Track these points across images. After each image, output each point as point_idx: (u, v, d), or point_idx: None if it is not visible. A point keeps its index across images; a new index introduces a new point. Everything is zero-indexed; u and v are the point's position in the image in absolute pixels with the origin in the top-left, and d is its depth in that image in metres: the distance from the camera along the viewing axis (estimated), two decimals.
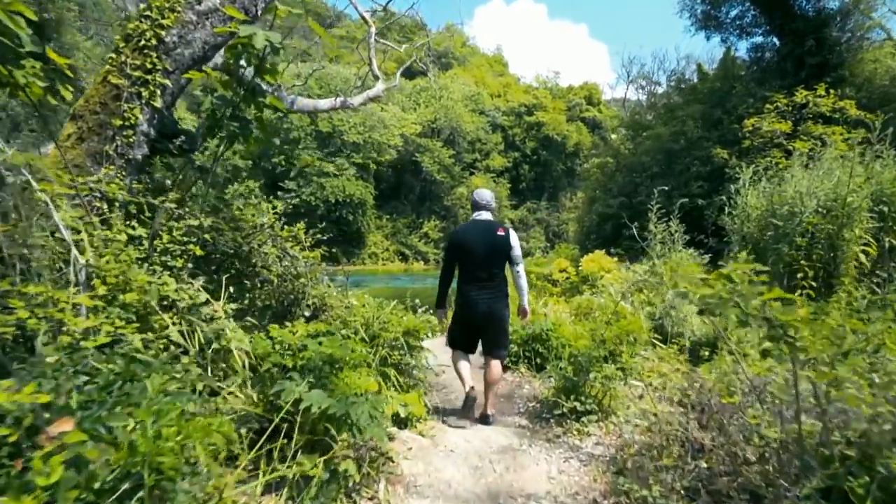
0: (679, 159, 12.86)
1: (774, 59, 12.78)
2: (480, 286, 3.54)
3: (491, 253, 3.51)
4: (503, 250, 3.53)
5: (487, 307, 3.54)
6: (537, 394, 4.27)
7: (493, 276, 3.56)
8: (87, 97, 3.54)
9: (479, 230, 3.56)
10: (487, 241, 3.49)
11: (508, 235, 3.55)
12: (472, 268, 3.54)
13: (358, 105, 12.72)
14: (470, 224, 3.67)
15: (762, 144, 10.87)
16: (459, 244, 3.58)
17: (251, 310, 3.79)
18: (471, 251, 3.51)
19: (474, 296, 3.54)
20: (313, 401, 2.08)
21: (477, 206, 3.68)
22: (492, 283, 3.56)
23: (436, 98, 39.08)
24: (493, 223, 3.63)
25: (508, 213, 44.62)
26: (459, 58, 60.44)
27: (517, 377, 4.91)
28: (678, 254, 8.41)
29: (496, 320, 3.60)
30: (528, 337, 5.10)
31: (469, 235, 3.58)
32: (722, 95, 12.84)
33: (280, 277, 3.73)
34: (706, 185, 12.07)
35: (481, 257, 3.50)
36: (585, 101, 53.44)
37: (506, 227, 3.63)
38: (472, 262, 3.53)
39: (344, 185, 30.30)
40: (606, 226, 14.83)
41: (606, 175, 16.25)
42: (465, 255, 3.54)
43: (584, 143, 49.36)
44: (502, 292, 3.64)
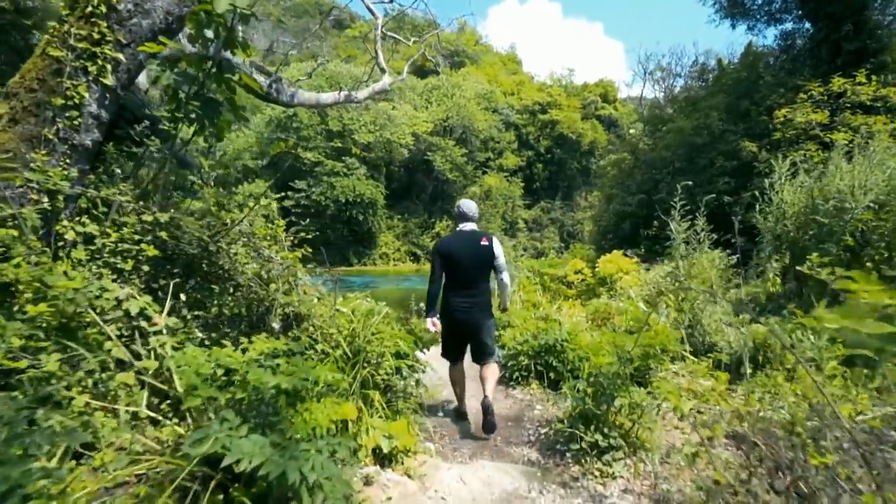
0: (702, 154, 12.10)
1: (806, 45, 11.94)
2: (466, 295, 3.62)
3: (476, 262, 3.60)
4: (488, 260, 3.62)
5: (473, 315, 3.62)
6: (551, 418, 3.66)
7: (478, 285, 3.65)
8: (22, 73, 3.04)
9: (464, 240, 3.64)
10: (473, 251, 3.59)
11: (492, 245, 3.63)
12: (459, 277, 3.61)
13: (363, 99, 12.25)
14: (456, 235, 3.72)
15: (795, 136, 10.10)
16: (446, 254, 3.61)
17: (219, 320, 3.27)
18: (457, 261, 3.57)
19: (460, 304, 3.61)
20: (242, 454, 1.53)
21: (463, 217, 3.76)
22: (477, 291, 3.64)
23: (448, 96, 38.51)
24: (478, 233, 3.69)
25: (522, 212, 43.91)
26: (472, 56, 59.82)
27: (528, 395, 4.32)
28: (704, 254, 7.72)
29: (482, 328, 3.67)
30: (540, 348, 4.49)
31: (455, 246, 3.62)
32: (749, 85, 12.04)
33: (250, 282, 3.20)
34: (732, 181, 11.30)
35: (467, 267, 3.58)
36: (601, 99, 52.46)
37: (490, 236, 3.69)
38: (459, 271, 3.59)
39: (354, 185, 29.91)
40: (624, 225, 14.12)
41: (624, 172, 15.51)
42: (451, 265, 3.59)
43: (599, 142, 48.39)
44: (487, 300, 3.74)
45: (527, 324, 6.51)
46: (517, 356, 4.62)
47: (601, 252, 14.95)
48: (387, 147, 33.24)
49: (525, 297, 8.20)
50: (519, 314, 6.78)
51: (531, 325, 6.00)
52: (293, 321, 3.31)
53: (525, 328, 5.42)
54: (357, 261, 32.68)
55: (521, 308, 7.89)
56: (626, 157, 16.09)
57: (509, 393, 4.36)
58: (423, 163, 36.66)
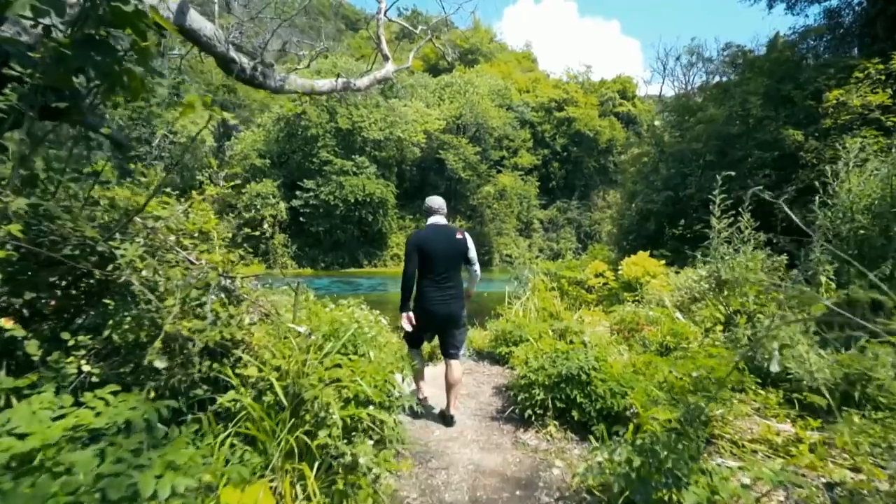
0: (737, 145, 10.90)
1: (857, 22, 10.68)
2: (440, 287, 3.66)
3: (450, 256, 3.69)
4: (462, 253, 3.74)
5: (447, 307, 3.67)
6: (578, 488, 2.63)
7: (451, 278, 3.71)
8: None
9: (439, 234, 3.71)
10: (449, 245, 3.68)
11: (465, 239, 3.76)
12: (433, 270, 3.65)
13: (364, 87, 11.31)
14: (430, 229, 3.76)
15: (849, 122, 8.89)
16: (421, 248, 3.64)
17: (113, 349, 2.34)
18: (432, 255, 3.62)
19: (434, 296, 3.65)
20: None
21: (432, 211, 3.82)
22: (450, 283, 3.70)
23: (461, 93, 37.49)
24: (451, 227, 3.80)
25: (537, 212, 42.71)
26: (486, 53, 58.72)
27: (543, 441, 3.29)
28: (749, 255, 6.62)
29: (454, 319, 3.73)
30: (560, 378, 3.47)
31: (431, 239, 3.67)
32: (791, 67, 10.82)
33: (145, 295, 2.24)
34: (773, 173, 10.11)
35: (442, 260, 3.65)
36: (619, 96, 50.97)
37: (462, 230, 3.81)
38: (434, 264, 3.64)
39: (364, 184, 29.06)
40: (648, 223, 12.95)
41: (648, 167, 14.33)
42: (426, 259, 3.63)
43: (617, 139, 46.94)
44: (459, 293, 3.79)
45: (542, 341, 5.50)
46: (530, 387, 3.60)
47: (623, 253, 13.80)
48: (398, 145, 32.35)
49: (540, 305, 7.14)
50: (533, 327, 5.76)
51: (547, 343, 4.98)
52: (218, 351, 2.36)
53: (540, 348, 4.41)
54: (367, 262, 31.84)
55: (535, 318, 6.86)
56: (649, 151, 14.91)
57: (518, 437, 3.36)
58: (435, 161, 35.69)
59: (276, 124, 30.09)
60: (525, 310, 6.96)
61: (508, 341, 5.61)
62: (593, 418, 3.28)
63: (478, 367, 5.39)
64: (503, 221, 39.08)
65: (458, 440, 3.39)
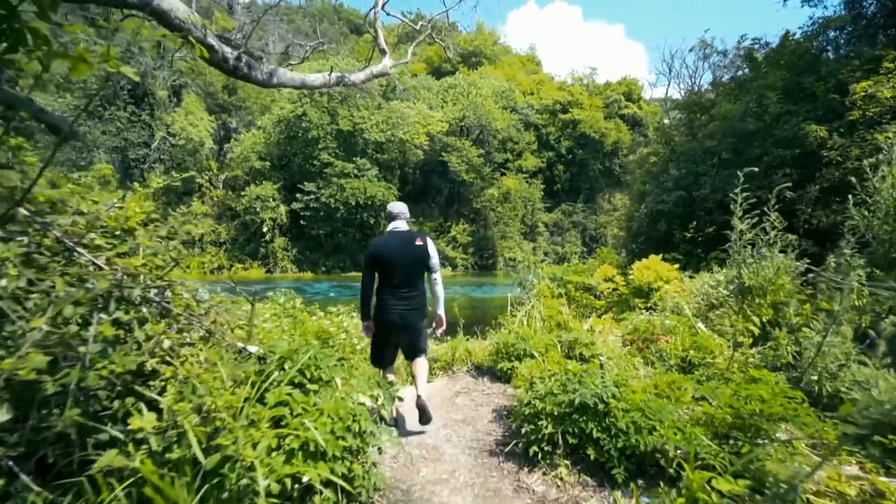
0: (755, 142, 10.28)
1: (881, 12, 10.06)
2: (400, 296, 3.51)
3: (410, 263, 3.52)
4: (422, 260, 3.56)
5: (407, 317, 3.52)
6: None
7: (412, 286, 3.54)
8: None
9: (398, 241, 3.56)
10: (407, 252, 3.51)
11: (426, 245, 3.58)
12: (393, 278, 3.50)
13: (360, 82, 10.81)
14: (389, 236, 3.63)
15: (877, 115, 8.26)
16: (380, 256, 3.49)
17: None
18: (391, 262, 3.48)
19: (393, 306, 3.50)
20: None
21: (392, 217, 3.70)
22: (411, 292, 3.54)
23: (464, 95, 36.98)
24: (411, 233, 3.64)
25: (542, 215, 42.08)
26: (490, 56, 58.25)
27: (553, 488, 2.67)
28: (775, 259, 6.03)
29: (415, 330, 3.62)
30: (571, 407, 2.87)
31: (389, 247, 3.52)
32: (811, 59, 10.20)
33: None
34: (794, 172, 9.47)
35: (401, 268, 3.49)
36: (624, 98, 50.32)
37: (423, 236, 3.65)
38: (393, 272, 3.49)
39: (365, 187, 28.54)
40: (659, 225, 12.33)
41: (658, 167, 13.71)
42: (385, 267, 3.49)
43: (623, 142, 46.30)
44: (421, 302, 3.61)
45: (549, 355, 4.90)
46: (536, 418, 3.00)
47: (632, 257, 13.17)
48: (400, 147, 31.85)
49: (546, 314, 6.53)
50: (538, 339, 5.16)
51: (554, 359, 4.39)
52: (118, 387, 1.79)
53: (547, 367, 3.81)
54: None
55: (541, 328, 6.25)
56: (659, 151, 14.29)
57: (522, 481, 2.75)
58: (438, 164, 35.17)
59: (277, 126, 29.66)
60: (529, 318, 6.35)
61: (511, 355, 5.01)
62: (613, 458, 2.67)
63: (476, 385, 4.79)
64: (507, 225, 38.48)
65: (449, 483, 2.79)
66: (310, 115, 28.71)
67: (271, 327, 5.41)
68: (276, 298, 7.46)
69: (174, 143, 28.79)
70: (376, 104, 31.07)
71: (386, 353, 3.72)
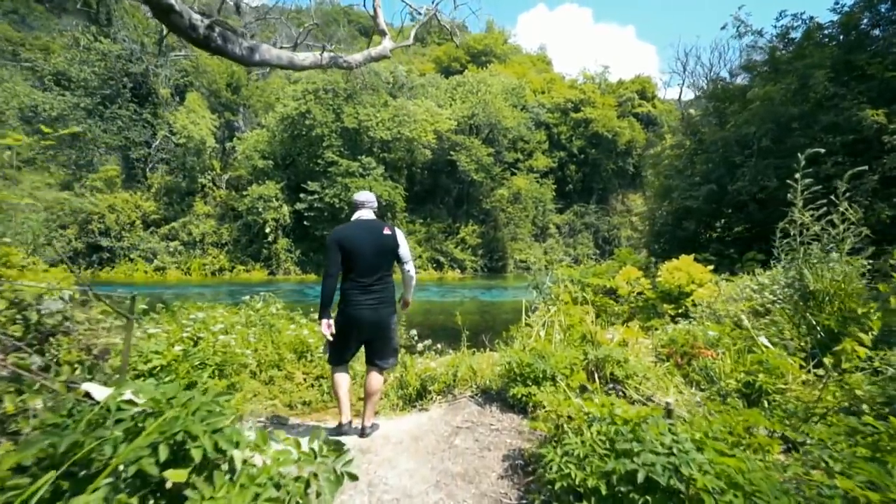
0: (798, 128, 9.14)
1: None
2: (367, 289, 3.24)
3: (378, 253, 3.26)
4: (391, 250, 3.32)
5: (375, 312, 3.26)
6: None
7: (380, 279, 3.29)
8: None
9: (363, 229, 3.27)
10: (374, 241, 3.25)
11: (395, 234, 3.34)
12: (359, 270, 3.22)
13: (358, 64, 9.81)
14: (353, 224, 3.32)
15: None
16: (342, 245, 3.16)
17: None
18: (356, 252, 3.18)
19: (360, 300, 3.22)
20: None
21: (358, 206, 3.44)
22: (379, 285, 3.28)
23: (473, 92, 35.95)
24: (377, 222, 3.37)
25: (553, 216, 40.90)
26: (500, 55, 57.21)
27: None
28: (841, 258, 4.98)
29: (384, 327, 3.34)
30: (628, 485, 1.83)
31: (353, 235, 3.21)
32: (861, 37, 9.05)
33: None
34: (847, 160, 8.33)
35: (368, 259, 3.21)
36: (638, 96, 48.98)
37: (391, 226, 3.39)
38: (358, 264, 3.20)
39: (371, 186, 27.62)
40: (687, 224, 11.20)
41: (682, 160, 12.59)
42: (349, 258, 3.18)
43: (637, 141, 45.01)
44: (390, 296, 3.35)
45: (574, 378, 3.89)
46: (570, 495, 1.96)
47: (654, 258, 12.06)
48: (408, 146, 30.92)
49: (567, 322, 5.46)
50: (561, 357, 4.12)
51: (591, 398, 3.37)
52: None
53: (582, 407, 2.78)
54: None
55: (561, 340, 5.17)
56: (683, 143, 13.17)
57: None
58: (447, 164, 34.18)
59: (280, 124, 28.88)
60: (548, 328, 5.30)
61: (527, 378, 3.96)
62: None
63: (482, 417, 3.76)
64: (518, 226, 37.36)
65: None
66: (314, 113, 27.88)
67: (231, 338, 4.45)
68: (251, 304, 6.51)
69: (176, 143, 28.17)
70: (382, 101, 30.21)
71: (346, 353, 3.38)
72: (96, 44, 27.22)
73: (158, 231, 28.23)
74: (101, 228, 26.66)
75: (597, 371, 4.63)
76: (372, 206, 3.45)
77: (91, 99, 26.95)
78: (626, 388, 4.47)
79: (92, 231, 26.53)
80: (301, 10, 66.05)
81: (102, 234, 26.75)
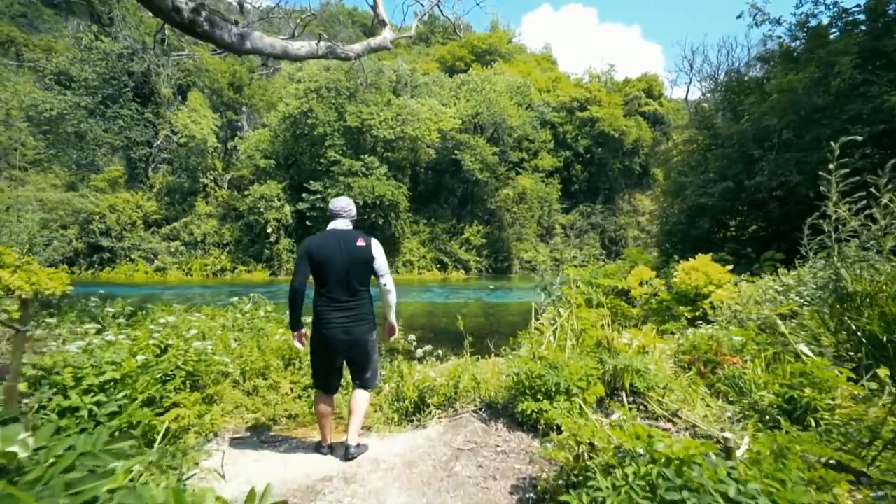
0: (823, 120, 8.62)
1: None
2: (339, 306, 2.98)
3: (350, 267, 2.99)
4: (364, 262, 3.04)
5: (348, 331, 2.99)
6: None
7: (353, 294, 3.03)
8: None
9: (337, 240, 3.02)
10: (345, 254, 2.98)
11: (370, 245, 3.08)
12: (330, 285, 2.97)
13: (357, 55, 9.45)
14: (324, 234, 3.08)
15: None
16: (311, 256, 2.94)
17: None
18: (326, 265, 2.95)
19: (333, 318, 2.97)
20: None
21: (333, 214, 3.18)
22: (353, 301, 3.02)
23: (478, 90, 35.46)
24: (351, 232, 3.11)
25: (559, 217, 40.34)
26: (504, 55, 56.68)
27: None
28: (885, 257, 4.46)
29: (360, 346, 3.06)
30: None
31: (323, 247, 2.97)
32: (890, 24, 8.52)
33: None
34: (877, 153, 7.81)
35: (339, 272, 2.97)
36: (644, 94, 48.31)
37: (366, 236, 3.12)
38: (328, 278, 2.96)
39: (374, 186, 27.19)
40: (702, 221, 10.69)
41: (695, 156, 12.08)
42: (320, 270, 2.96)
43: (644, 140, 44.36)
44: (365, 312, 3.08)
45: (591, 391, 3.44)
46: None
47: (666, 258, 11.56)
48: (411, 146, 30.50)
49: (580, 326, 4.97)
50: (575, 367, 3.65)
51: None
52: None
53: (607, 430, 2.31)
54: None
55: (573, 347, 4.68)
56: (697, 138, 12.65)
57: None
58: (451, 163, 33.71)
59: (283, 123, 28.52)
60: (558, 333, 4.81)
61: (537, 391, 3.50)
62: None
63: (487, 437, 3.30)
64: (523, 226, 36.83)
65: None
66: (316, 112, 27.50)
67: (209, 345, 4.02)
68: (239, 306, 6.09)
69: (178, 143, 27.92)
70: (385, 100, 29.81)
71: (330, 380, 3.14)
72: (97, 43, 26.99)
73: (160, 231, 27.95)
74: (101, 229, 26.40)
75: (614, 382, 4.18)
76: (349, 215, 3.21)
77: (92, 98, 26.71)
78: (647, 402, 4.00)
79: (93, 231, 26.27)
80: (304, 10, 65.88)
81: (103, 234, 26.48)
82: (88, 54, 26.97)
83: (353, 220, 3.29)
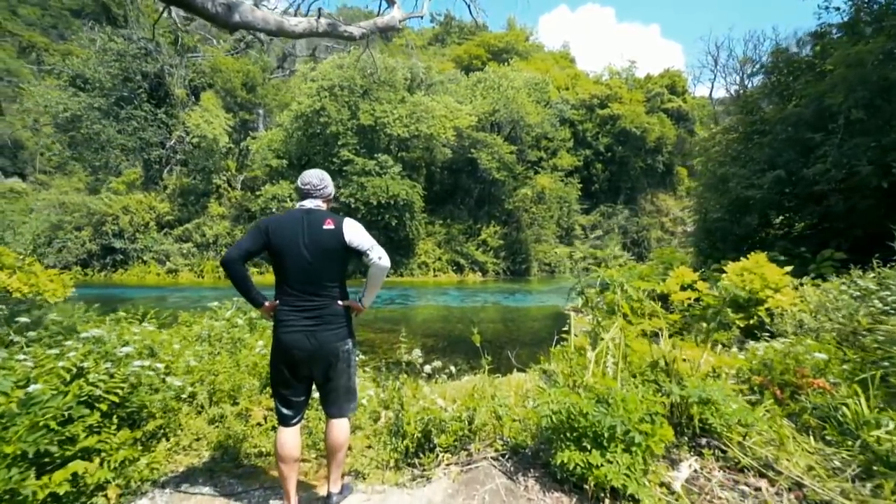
0: None
1: None
2: (300, 306, 2.28)
3: (314, 256, 2.24)
4: (335, 251, 2.27)
5: (311, 337, 2.27)
6: None
7: (319, 291, 2.29)
8: None
9: (297, 221, 2.27)
10: (308, 238, 2.24)
11: (341, 228, 2.28)
12: (290, 278, 2.28)
13: (362, 34, 8.53)
14: (289, 212, 2.34)
15: None
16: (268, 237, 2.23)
17: None
18: (284, 252, 2.24)
19: (291, 319, 2.28)
20: None
21: (302, 193, 2.40)
22: (317, 300, 2.28)
23: (495, 88, 34.44)
24: (320, 213, 2.33)
25: (578, 217, 39.04)
26: (522, 53, 55.59)
27: None
28: None
29: (329, 358, 2.31)
30: None
31: (283, 228, 2.25)
32: None
33: None
34: None
35: (300, 261, 2.24)
36: (668, 91, 46.71)
37: (337, 217, 2.32)
38: (288, 268, 2.26)
39: (388, 185, 26.40)
40: (749, 218, 9.55)
41: (738, 144, 10.92)
42: (278, 258, 2.26)
43: (667, 137, 42.80)
44: (335, 315, 2.32)
45: (659, 436, 2.47)
46: None
47: (704, 259, 10.43)
48: (427, 145, 29.66)
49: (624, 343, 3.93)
50: (632, 402, 2.67)
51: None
52: None
53: None
54: (393, 270, 29.14)
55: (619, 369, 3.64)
56: (736, 125, 11.48)
57: None
58: (467, 163, 32.76)
59: (295, 122, 27.97)
60: (600, 353, 3.79)
61: (581, 436, 2.54)
62: None
63: (514, 497, 2.34)
64: (542, 227, 35.65)
65: None
66: (329, 110, 26.85)
67: (157, 363, 3.17)
68: (220, 311, 5.26)
69: (192, 144, 27.62)
70: (399, 98, 29.04)
71: (290, 404, 2.36)
72: (111, 44, 26.84)
73: (172, 233, 27.64)
74: (114, 230, 26.18)
75: (677, 416, 3.20)
76: (322, 194, 2.44)
77: (106, 99, 26.55)
78: (726, 445, 3.02)
79: (106, 233, 26.07)
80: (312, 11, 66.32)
81: (116, 235, 26.26)
82: (103, 55, 26.86)
83: (329, 201, 2.51)
